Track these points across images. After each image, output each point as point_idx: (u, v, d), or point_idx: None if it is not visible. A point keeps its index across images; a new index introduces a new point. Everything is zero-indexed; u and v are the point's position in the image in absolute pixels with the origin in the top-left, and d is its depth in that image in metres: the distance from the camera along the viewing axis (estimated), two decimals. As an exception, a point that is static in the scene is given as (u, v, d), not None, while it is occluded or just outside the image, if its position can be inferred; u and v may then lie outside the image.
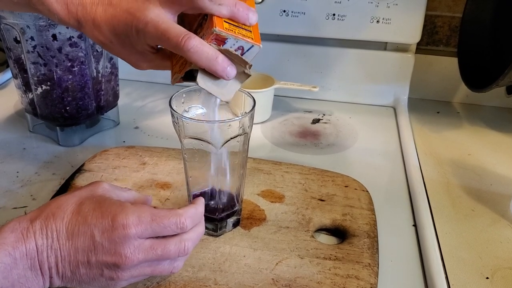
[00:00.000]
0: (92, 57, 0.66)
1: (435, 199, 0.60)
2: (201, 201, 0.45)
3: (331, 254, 0.49)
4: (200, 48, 0.39)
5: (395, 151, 0.72)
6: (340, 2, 0.79)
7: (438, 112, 0.85)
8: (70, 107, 0.67)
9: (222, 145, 0.47)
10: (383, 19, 0.79)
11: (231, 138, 0.47)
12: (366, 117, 0.82)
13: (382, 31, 0.80)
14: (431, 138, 0.76)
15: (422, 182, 0.62)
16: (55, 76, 0.64)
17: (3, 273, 0.37)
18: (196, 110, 0.50)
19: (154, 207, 0.42)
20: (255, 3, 0.80)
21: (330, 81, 0.85)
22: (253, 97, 0.48)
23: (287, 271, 0.47)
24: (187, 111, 0.50)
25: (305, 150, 0.70)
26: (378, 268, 0.48)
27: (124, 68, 0.62)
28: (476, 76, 0.76)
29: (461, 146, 0.73)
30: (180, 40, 0.39)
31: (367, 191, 0.59)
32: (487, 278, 0.48)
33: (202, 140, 0.47)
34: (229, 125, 0.45)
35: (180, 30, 0.40)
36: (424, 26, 0.82)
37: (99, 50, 0.67)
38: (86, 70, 0.65)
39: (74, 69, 0.64)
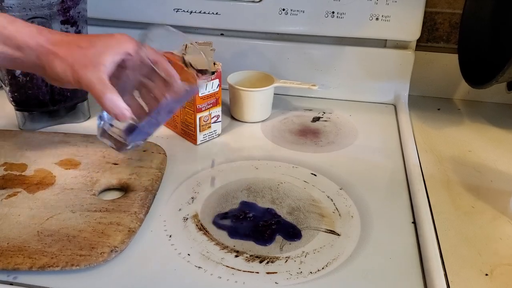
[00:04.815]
0: None
1: (435, 196, 0.60)
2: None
3: (102, 207, 0.53)
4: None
5: (395, 148, 0.71)
6: (339, 0, 0.79)
7: (438, 109, 0.84)
8: (19, 94, 0.69)
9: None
10: (382, 16, 0.79)
11: None
12: (366, 114, 0.81)
13: (382, 29, 0.80)
14: (431, 135, 0.76)
15: (422, 179, 0.62)
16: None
17: None
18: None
19: None
20: (254, 2, 0.80)
21: (330, 79, 0.85)
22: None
23: (55, 224, 0.50)
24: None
25: (305, 148, 0.70)
26: (144, 215, 0.52)
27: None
28: (477, 72, 0.75)
29: (461, 143, 0.73)
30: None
31: (165, 154, 0.63)
32: (486, 274, 0.48)
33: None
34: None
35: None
36: (424, 23, 0.82)
37: None
38: None
39: None
